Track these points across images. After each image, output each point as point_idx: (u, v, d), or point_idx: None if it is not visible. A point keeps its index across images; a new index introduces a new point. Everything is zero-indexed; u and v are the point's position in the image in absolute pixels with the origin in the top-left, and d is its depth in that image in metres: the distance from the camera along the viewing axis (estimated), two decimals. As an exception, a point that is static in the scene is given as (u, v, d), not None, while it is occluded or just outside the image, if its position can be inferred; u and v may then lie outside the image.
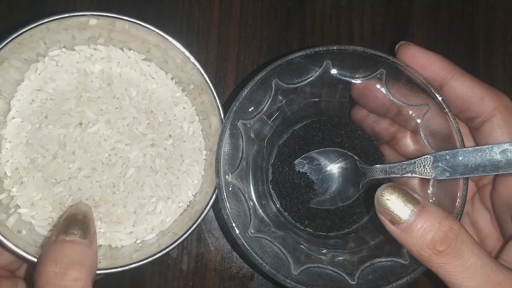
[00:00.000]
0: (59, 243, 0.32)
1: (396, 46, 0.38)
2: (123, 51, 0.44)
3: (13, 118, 0.41)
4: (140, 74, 0.44)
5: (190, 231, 0.37)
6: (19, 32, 0.37)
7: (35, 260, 0.35)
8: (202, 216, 0.38)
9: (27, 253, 0.35)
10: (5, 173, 0.40)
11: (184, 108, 0.44)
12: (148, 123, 0.42)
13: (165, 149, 0.42)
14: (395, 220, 0.30)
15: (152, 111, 0.43)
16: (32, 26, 0.37)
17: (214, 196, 0.38)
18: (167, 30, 0.41)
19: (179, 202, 0.42)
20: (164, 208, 0.42)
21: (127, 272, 0.50)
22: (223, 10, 0.55)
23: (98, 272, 0.35)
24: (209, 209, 0.38)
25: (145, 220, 0.41)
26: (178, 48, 0.39)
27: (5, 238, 0.35)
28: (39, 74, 0.42)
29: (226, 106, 0.39)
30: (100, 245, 0.40)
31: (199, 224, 0.38)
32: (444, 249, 0.28)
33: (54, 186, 0.40)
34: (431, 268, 0.29)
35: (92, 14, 0.38)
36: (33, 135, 0.40)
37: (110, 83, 0.43)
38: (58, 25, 0.39)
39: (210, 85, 0.39)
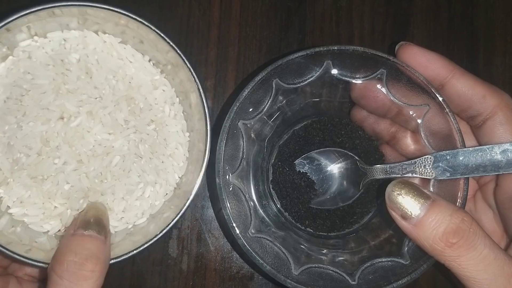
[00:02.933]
0: (78, 236, 0.34)
1: (396, 46, 0.38)
2: (98, 35, 0.42)
3: None
4: (118, 58, 0.42)
5: (181, 212, 0.37)
6: None
7: (25, 260, 0.35)
8: (192, 196, 0.38)
9: (19, 255, 0.35)
10: None
11: (163, 90, 0.43)
12: (130, 110, 0.42)
13: (148, 134, 0.42)
14: (406, 215, 0.30)
15: (132, 97, 0.42)
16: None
17: (201, 174, 0.38)
18: (167, 30, 0.40)
19: (167, 185, 0.42)
20: (153, 193, 0.42)
21: (127, 272, 0.50)
22: (223, 10, 0.55)
23: None
24: (197, 189, 0.38)
25: (134, 206, 0.41)
26: (148, 26, 0.38)
27: None
28: (11, 69, 0.40)
29: (226, 106, 0.39)
30: None
31: (189, 205, 0.38)
32: (457, 241, 0.28)
33: (42, 183, 0.39)
34: (444, 263, 0.29)
35: (59, 5, 0.37)
36: (13, 135, 0.39)
37: (89, 72, 0.41)
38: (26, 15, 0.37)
39: (185, 59, 0.39)
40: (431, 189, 0.36)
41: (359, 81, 0.38)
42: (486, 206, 0.39)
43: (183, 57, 0.39)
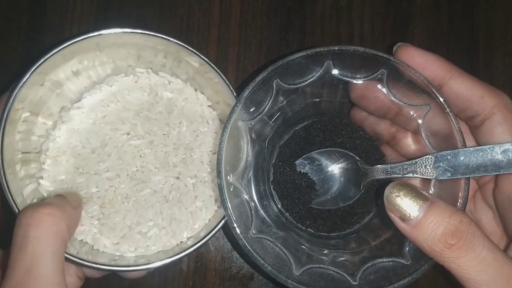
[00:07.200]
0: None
1: (394, 48, 0.38)
2: (196, 91, 0.46)
3: (78, 107, 0.45)
4: (200, 115, 0.46)
5: (158, 264, 0.38)
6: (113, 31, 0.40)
7: None
8: (183, 254, 0.38)
9: None
10: (48, 148, 0.43)
11: None
12: (183, 158, 0.44)
13: (186, 186, 0.44)
14: (405, 217, 0.30)
15: (192, 149, 0.45)
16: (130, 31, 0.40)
17: (197, 245, 0.39)
18: (167, 30, 0.41)
19: (171, 238, 0.43)
20: (156, 236, 0.43)
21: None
22: (223, 10, 0.55)
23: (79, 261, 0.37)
24: (188, 253, 0.39)
25: (133, 238, 0.42)
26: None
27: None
28: (118, 82, 0.46)
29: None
30: (86, 243, 0.42)
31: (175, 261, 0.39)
32: (456, 242, 0.28)
33: (78, 175, 0.43)
34: (443, 264, 0.29)
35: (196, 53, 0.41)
36: (85, 127, 0.44)
37: (170, 112, 0.45)
38: (164, 45, 0.41)
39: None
40: (432, 189, 0.36)
41: (359, 81, 0.38)
42: (486, 206, 0.39)
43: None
